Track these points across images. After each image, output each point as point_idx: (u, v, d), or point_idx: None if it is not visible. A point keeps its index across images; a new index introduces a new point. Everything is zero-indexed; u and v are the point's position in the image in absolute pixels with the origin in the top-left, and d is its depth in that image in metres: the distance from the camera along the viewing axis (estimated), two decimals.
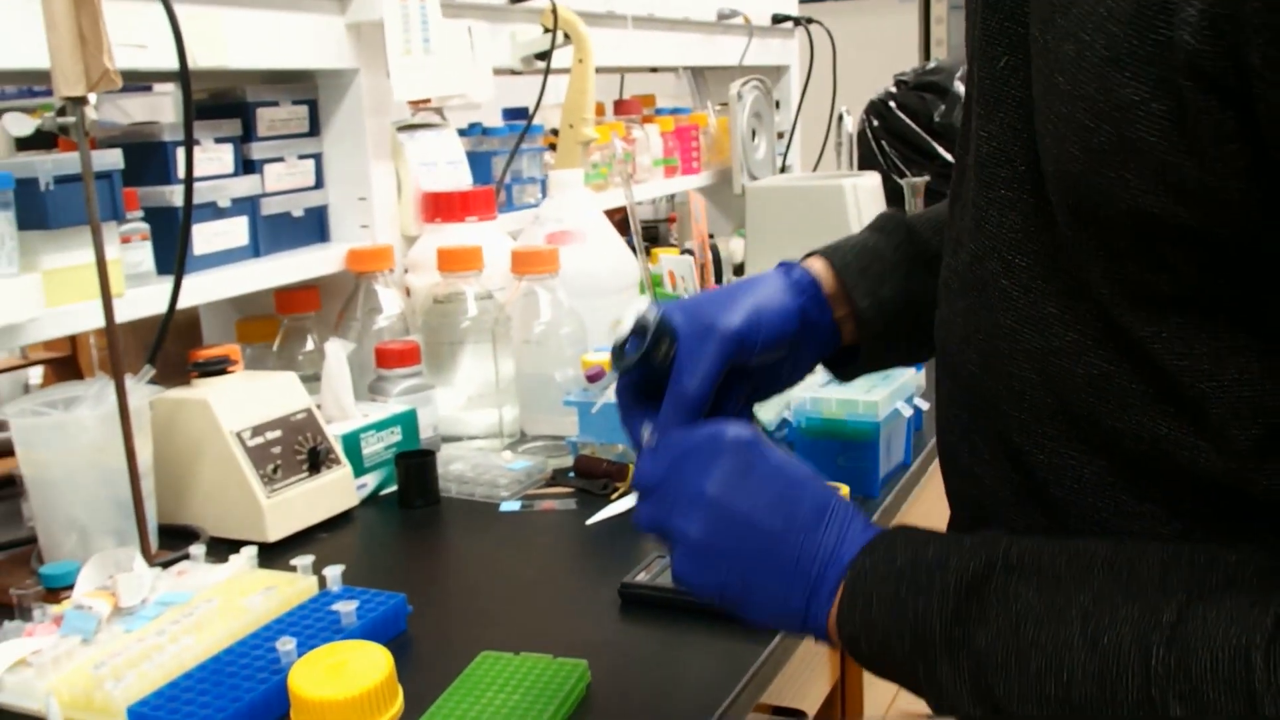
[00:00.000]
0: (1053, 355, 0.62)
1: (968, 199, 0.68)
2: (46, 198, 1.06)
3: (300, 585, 0.95)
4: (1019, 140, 0.63)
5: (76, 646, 0.84)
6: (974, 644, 0.59)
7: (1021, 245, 0.63)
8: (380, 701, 0.60)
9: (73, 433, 1.00)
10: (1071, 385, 0.61)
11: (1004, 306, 0.64)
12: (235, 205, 1.34)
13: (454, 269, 1.36)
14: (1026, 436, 0.65)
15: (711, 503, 0.68)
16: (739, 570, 0.67)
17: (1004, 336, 0.64)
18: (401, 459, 1.22)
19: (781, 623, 0.68)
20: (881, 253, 0.85)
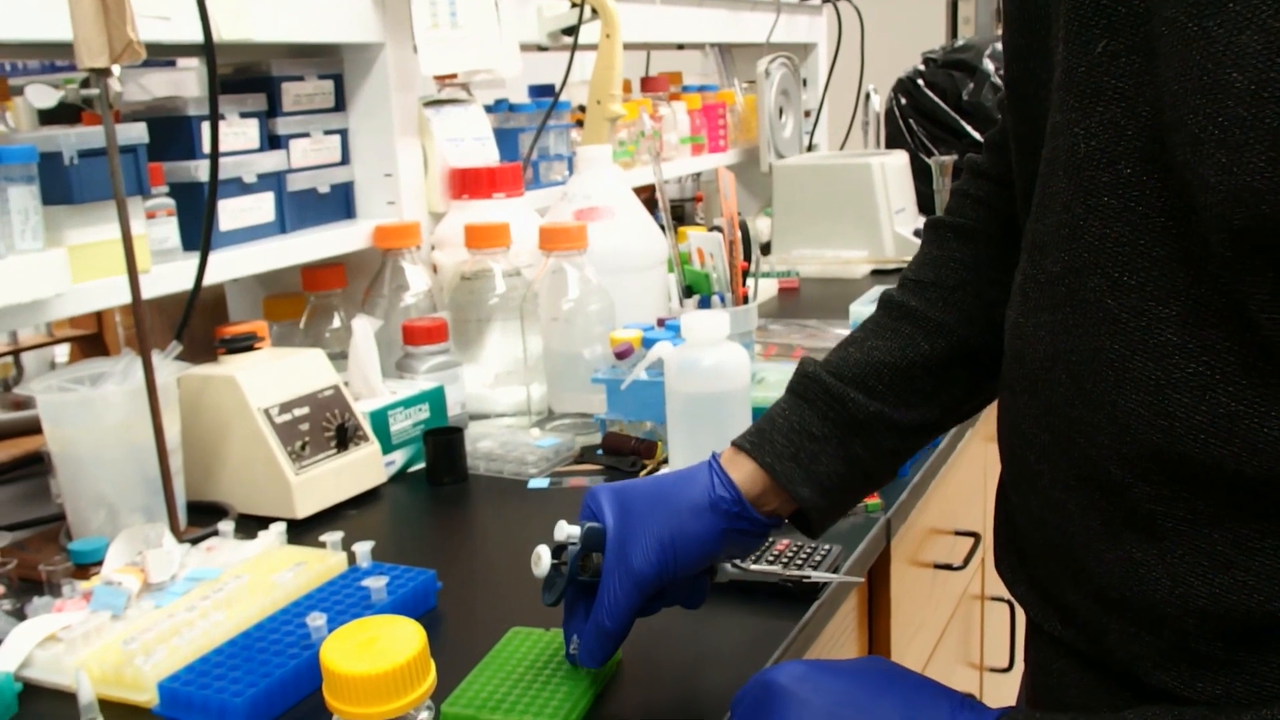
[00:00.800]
0: (1170, 389, 0.55)
1: (1056, 202, 0.61)
2: (70, 172, 1.05)
3: (330, 561, 0.94)
4: (1123, 139, 0.56)
5: (106, 622, 0.84)
6: None
7: (1131, 262, 0.56)
8: (414, 677, 0.58)
9: (100, 409, 1.00)
10: (1190, 424, 0.55)
11: (1109, 330, 0.57)
12: (261, 181, 1.33)
13: (482, 246, 1.35)
14: (1129, 470, 0.58)
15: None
16: None
17: (1108, 364, 0.58)
18: (430, 436, 1.21)
19: None
20: (809, 429, 0.79)
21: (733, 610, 0.91)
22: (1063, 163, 0.60)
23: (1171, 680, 0.61)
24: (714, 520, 0.76)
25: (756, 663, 0.82)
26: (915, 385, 0.80)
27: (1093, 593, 0.63)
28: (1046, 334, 0.62)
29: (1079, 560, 0.64)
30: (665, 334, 1.26)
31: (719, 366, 1.08)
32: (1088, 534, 0.62)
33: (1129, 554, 0.60)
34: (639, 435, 1.24)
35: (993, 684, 1.78)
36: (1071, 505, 0.63)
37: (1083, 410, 0.60)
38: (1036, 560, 0.70)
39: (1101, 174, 0.57)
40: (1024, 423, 0.66)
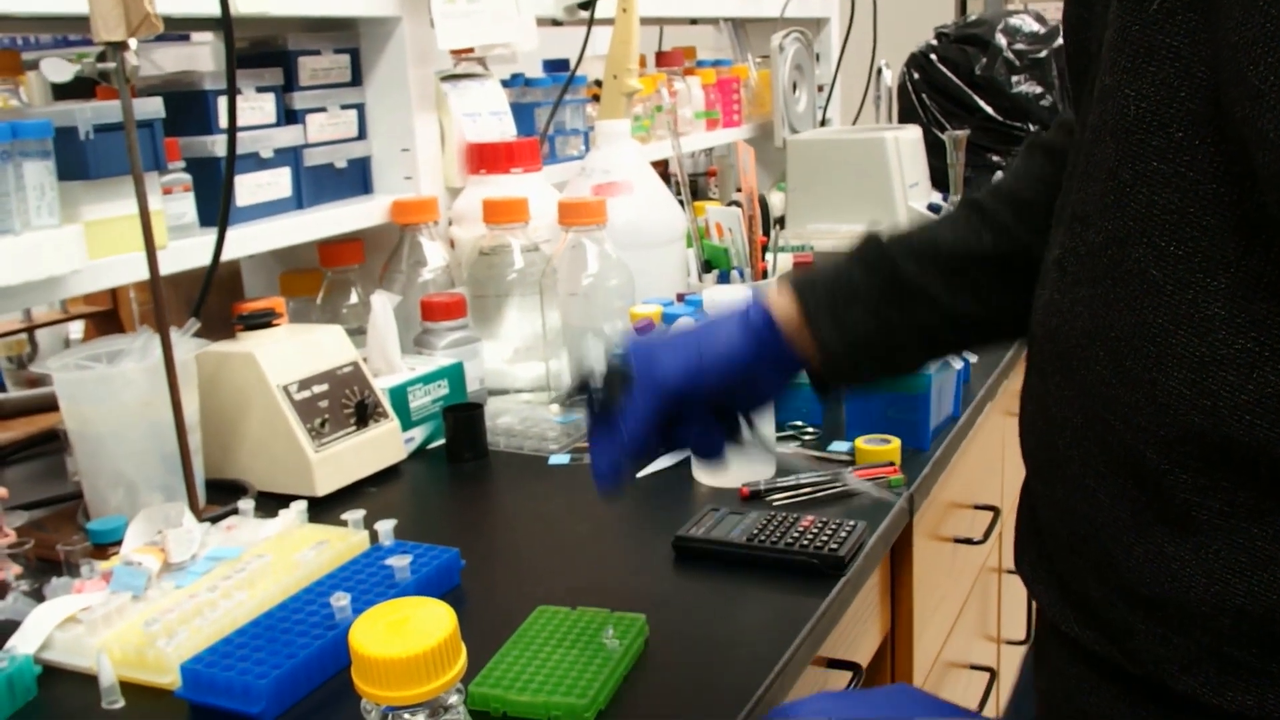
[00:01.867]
0: (1215, 365, 0.53)
1: (1100, 168, 0.59)
2: (87, 147, 1.04)
3: (352, 540, 0.93)
4: (1175, 101, 0.53)
5: (127, 603, 0.83)
6: None
7: (1179, 231, 0.54)
8: (445, 659, 0.57)
9: (118, 387, 0.99)
10: (1235, 403, 0.53)
11: (1153, 303, 0.55)
12: (278, 156, 1.31)
13: (500, 221, 1.34)
14: (1166, 455, 0.56)
15: None
16: None
17: (1150, 339, 0.55)
18: (450, 412, 1.20)
19: None
20: (853, 279, 0.80)
21: (759, 587, 0.90)
22: (1110, 127, 0.57)
23: (1199, 686, 0.58)
24: (744, 337, 0.78)
25: (784, 640, 0.82)
26: (968, 274, 0.80)
27: (1120, 589, 0.61)
28: (1085, 309, 0.60)
29: (1107, 554, 0.61)
30: (685, 309, 1.25)
31: None
32: (1117, 525, 0.60)
33: (1161, 548, 0.58)
34: None
35: (1010, 656, 1.78)
36: (1102, 494, 0.61)
37: (1120, 389, 0.58)
38: (1060, 555, 0.67)
39: (1152, 138, 0.55)
40: (1055, 406, 0.64)
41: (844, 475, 1.00)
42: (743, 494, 1.06)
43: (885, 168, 2.20)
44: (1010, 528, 0.80)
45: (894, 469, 1.08)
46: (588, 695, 0.73)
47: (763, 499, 1.05)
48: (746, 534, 0.95)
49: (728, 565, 0.93)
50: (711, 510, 1.00)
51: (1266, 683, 0.56)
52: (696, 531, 0.96)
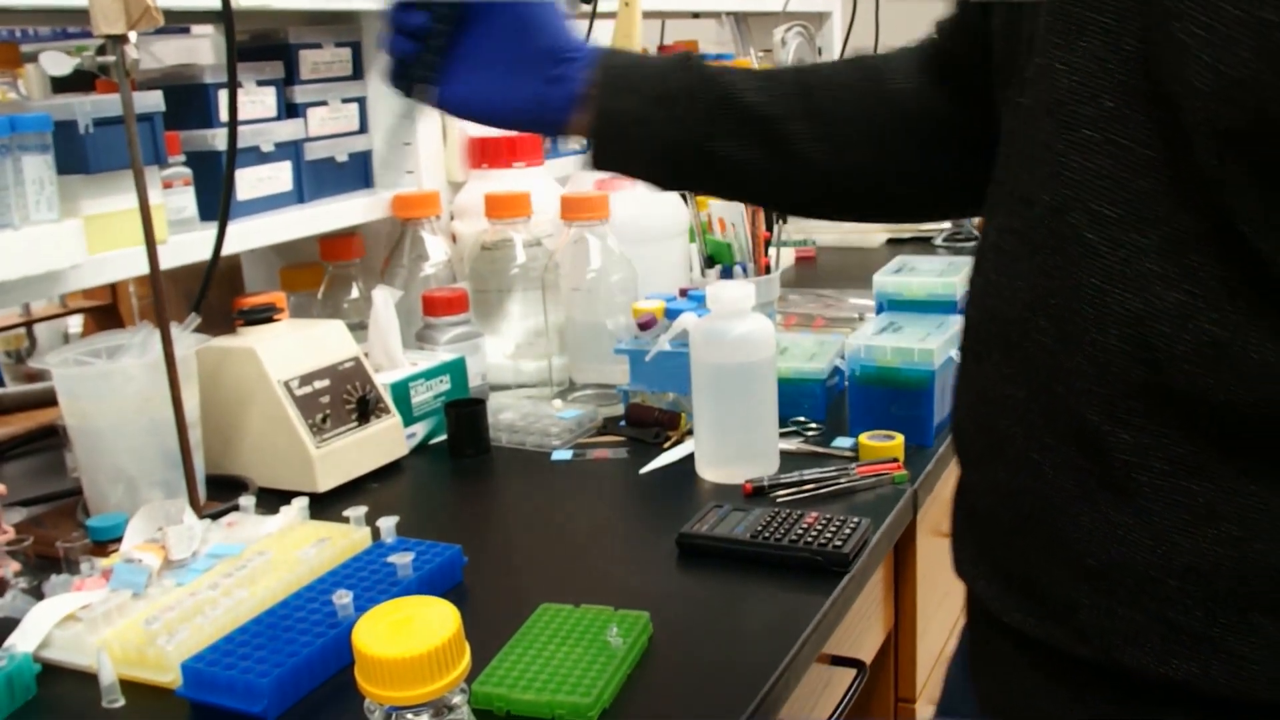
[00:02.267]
0: (1151, 320, 0.55)
1: (1037, 145, 0.60)
2: (86, 140, 1.03)
3: (354, 537, 0.93)
4: (1105, 73, 0.56)
5: (127, 601, 0.82)
6: None
7: (1111, 194, 0.56)
8: (449, 659, 0.57)
9: (118, 382, 0.98)
10: (1173, 355, 0.54)
11: (1089, 265, 0.57)
12: (279, 150, 1.30)
13: (502, 215, 1.33)
14: (1107, 415, 0.57)
15: None
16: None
17: (1088, 300, 0.57)
18: (452, 408, 1.20)
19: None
20: (660, 71, 0.85)
21: (763, 584, 0.89)
22: (1045, 104, 0.59)
23: (1144, 656, 0.59)
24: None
25: (789, 637, 0.81)
26: (760, 131, 0.84)
27: (1067, 563, 0.62)
28: (1024, 283, 0.61)
29: (1053, 528, 0.62)
30: (689, 304, 1.24)
31: (746, 337, 1.06)
32: (1063, 496, 0.61)
33: (1106, 515, 0.59)
34: (662, 406, 1.23)
35: None
36: (1046, 467, 0.62)
37: (1063, 355, 0.59)
38: (1002, 543, 0.67)
39: (1084, 108, 0.57)
40: (995, 386, 0.65)
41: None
42: (746, 490, 1.05)
43: None
44: None
45: (898, 465, 1.08)
46: (592, 694, 0.72)
47: (766, 495, 1.05)
48: (750, 531, 0.94)
49: (731, 562, 0.92)
50: (715, 507, 0.99)
51: (1209, 649, 0.57)
52: (700, 528, 0.95)
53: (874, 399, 1.16)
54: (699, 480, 1.10)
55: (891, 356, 1.15)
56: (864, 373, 1.16)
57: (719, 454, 1.09)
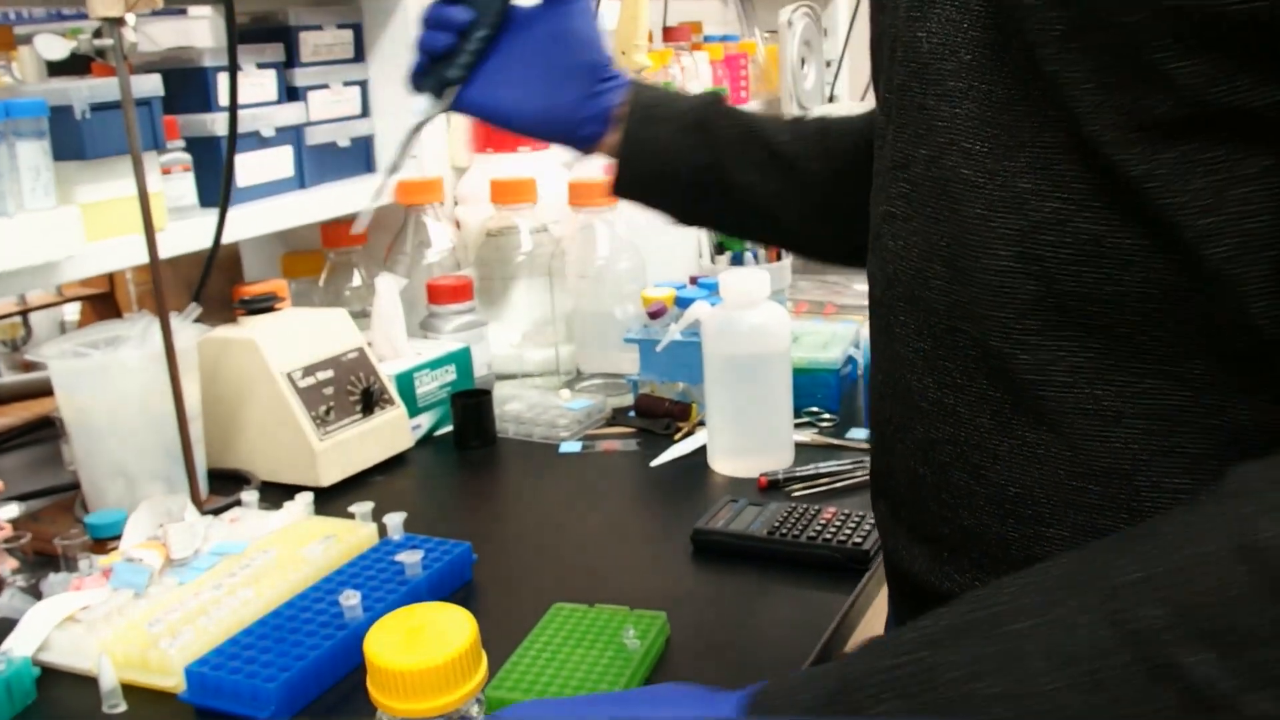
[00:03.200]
0: (1033, 232, 0.58)
1: (910, 110, 0.64)
2: (83, 126, 1.00)
3: (360, 534, 0.90)
4: (960, 31, 0.60)
5: (128, 601, 0.80)
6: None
7: (978, 131, 0.60)
8: (466, 669, 0.54)
9: (117, 375, 0.95)
10: (1059, 260, 0.58)
11: (970, 197, 0.61)
12: (279, 134, 1.28)
13: (507, 201, 1.30)
14: (1007, 338, 0.60)
15: None
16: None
17: (974, 229, 0.61)
18: (458, 399, 1.17)
19: None
20: (689, 105, 0.88)
21: (781, 583, 0.87)
22: (911, 70, 0.63)
23: None
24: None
25: (810, 638, 0.79)
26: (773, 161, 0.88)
27: (991, 500, 0.64)
28: (918, 238, 0.64)
29: (974, 468, 0.64)
30: (699, 293, 1.21)
31: (760, 327, 1.04)
32: (980, 433, 0.63)
33: (1022, 437, 0.61)
34: (672, 397, 1.20)
35: None
36: (961, 407, 0.64)
37: (959, 291, 0.62)
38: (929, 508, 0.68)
39: (944, 64, 0.61)
40: (903, 346, 0.67)
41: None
42: (761, 484, 1.03)
43: None
44: None
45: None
46: None
47: (781, 489, 1.02)
48: (767, 527, 0.92)
49: (748, 559, 0.90)
50: (730, 501, 0.97)
51: None
52: (715, 524, 0.93)
53: None
54: (711, 473, 1.08)
55: None
56: None
57: (732, 446, 1.07)
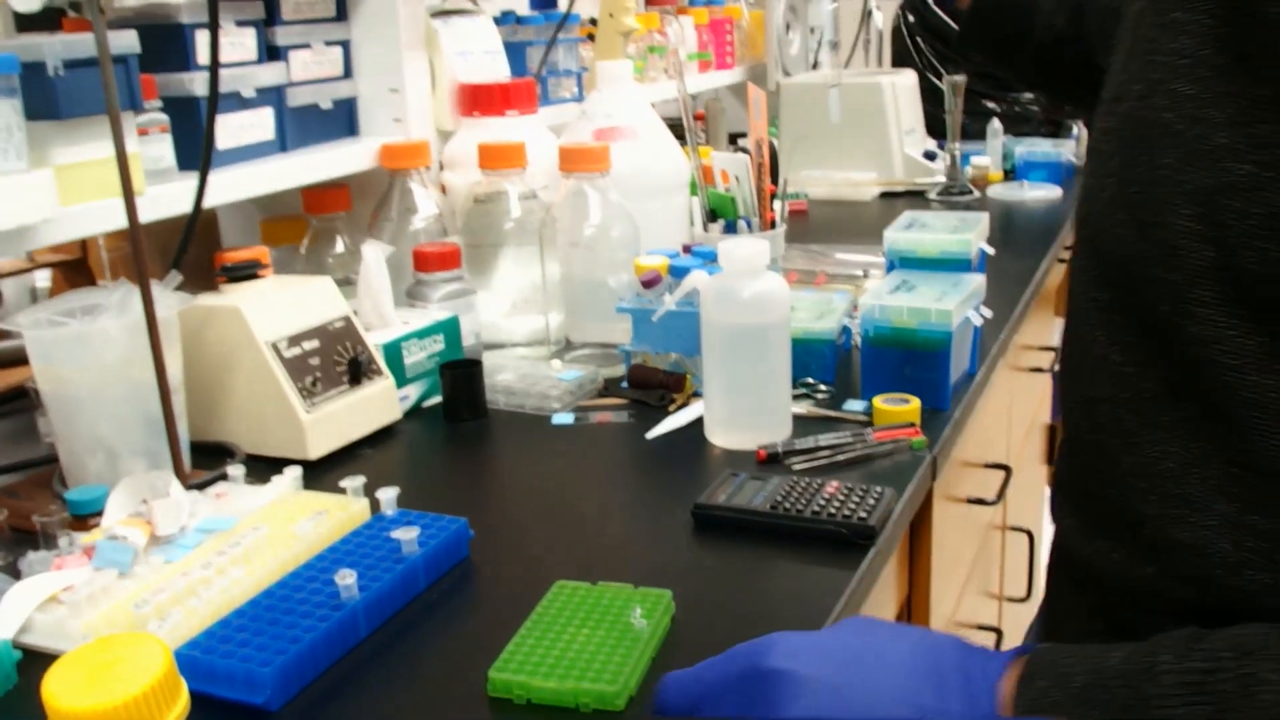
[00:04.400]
0: (1221, 194, 0.55)
1: (1138, 40, 0.63)
2: (57, 84, 0.96)
3: (352, 509, 0.87)
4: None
5: (113, 581, 0.76)
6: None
7: (1190, 71, 0.57)
8: (155, 706, 0.51)
9: (97, 346, 0.91)
10: (1242, 230, 0.54)
11: (1167, 144, 0.58)
12: (260, 96, 1.23)
13: (496, 166, 1.27)
14: (1176, 304, 0.57)
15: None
16: None
17: (1164, 181, 0.58)
18: (447, 369, 1.14)
19: None
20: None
21: (786, 559, 0.85)
22: (1138, 3, 0.63)
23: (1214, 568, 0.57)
24: None
25: (819, 615, 0.77)
26: None
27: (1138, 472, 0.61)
28: (1111, 179, 0.63)
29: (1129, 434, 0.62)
30: (694, 261, 1.18)
31: (760, 297, 1.01)
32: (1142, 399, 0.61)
33: (1186, 413, 0.59)
34: (665, 367, 1.17)
35: (1011, 614, 1.75)
36: (1128, 368, 0.62)
37: (1139, 242, 0.59)
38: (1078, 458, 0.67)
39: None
40: (1084, 293, 0.66)
41: None
42: (760, 457, 1.01)
43: (881, 113, 2.14)
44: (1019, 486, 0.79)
45: (915, 430, 1.03)
46: (618, 680, 0.68)
47: (781, 462, 1.00)
48: (770, 501, 0.90)
49: (751, 534, 0.88)
50: (730, 475, 0.94)
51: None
52: (717, 498, 0.91)
53: (887, 361, 1.11)
54: (709, 446, 1.05)
55: (908, 317, 1.10)
56: (878, 333, 1.11)
57: (730, 419, 1.04)
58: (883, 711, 0.52)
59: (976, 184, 2.12)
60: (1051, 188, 2.08)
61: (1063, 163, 2.14)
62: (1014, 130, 2.37)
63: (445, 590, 0.82)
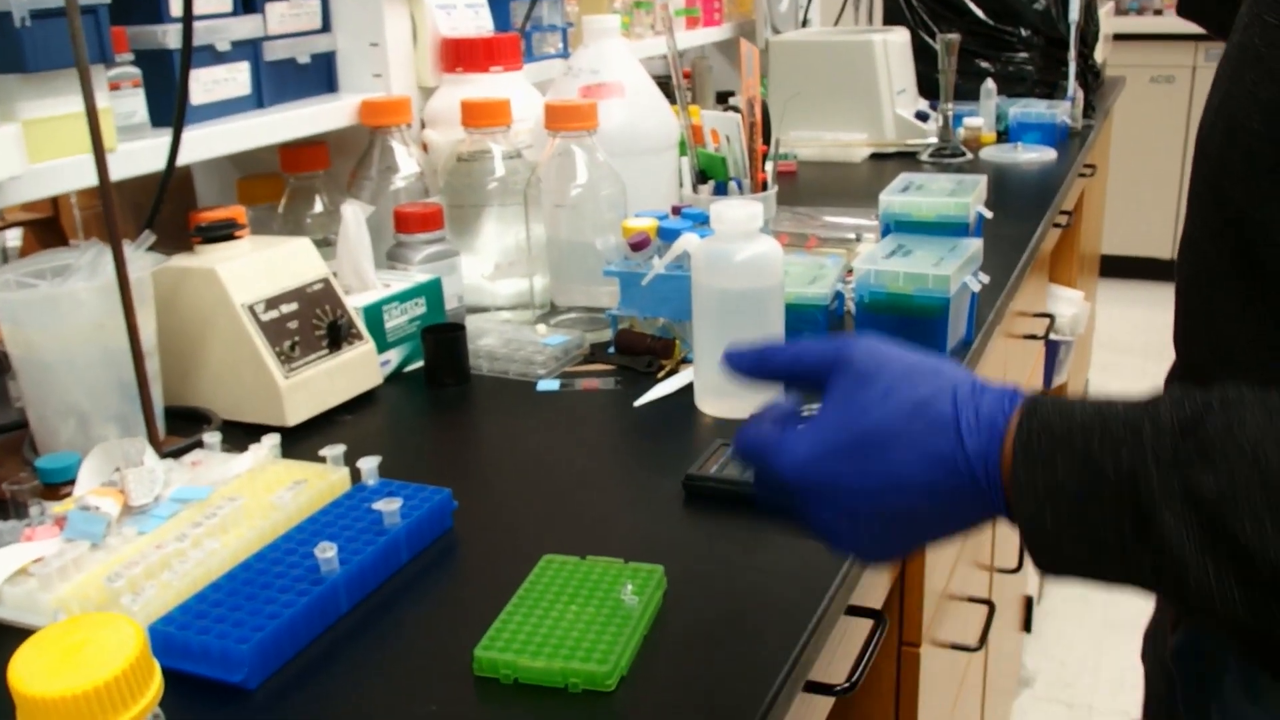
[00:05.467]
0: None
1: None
2: (23, 35, 0.92)
3: (332, 479, 0.84)
4: None
5: (84, 553, 0.73)
6: (1201, 488, 0.49)
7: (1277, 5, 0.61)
8: (127, 691, 0.48)
9: (67, 308, 0.88)
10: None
11: (1251, 65, 0.62)
12: (236, 49, 1.19)
13: (479, 124, 1.23)
14: (1245, 193, 0.62)
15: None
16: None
17: (1243, 95, 0.62)
18: (430, 334, 1.11)
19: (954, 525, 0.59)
20: None
21: (782, 534, 0.81)
22: None
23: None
24: None
25: (816, 590, 0.75)
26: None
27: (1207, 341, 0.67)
28: (1218, 95, 0.66)
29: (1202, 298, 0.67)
30: (684, 224, 1.16)
31: (753, 261, 0.98)
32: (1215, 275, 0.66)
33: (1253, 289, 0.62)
34: (653, 333, 1.15)
35: (1000, 585, 1.73)
36: (1207, 245, 0.67)
37: (1225, 148, 0.63)
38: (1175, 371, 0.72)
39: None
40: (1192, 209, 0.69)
41: None
42: None
43: (873, 72, 2.11)
44: None
45: None
46: (609, 660, 0.65)
47: None
48: None
49: (744, 506, 0.85)
50: (722, 445, 0.92)
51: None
52: (708, 470, 0.88)
53: (882, 327, 1.09)
54: (699, 414, 1.03)
55: (904, 283, 1.07)
56: (873, 299, 1.09)
57: (721, 386, 1.02)
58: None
59: (969, 145, 2.09)
60: (1046, 150, 2.05)
61: (1057, 124, 2.11)
62: (1008, 91, 2.33)
63: (428, 564, 0.80)
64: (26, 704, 0.47)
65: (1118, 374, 3.64)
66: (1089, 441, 0.52)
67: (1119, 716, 2.20)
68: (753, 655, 0.68)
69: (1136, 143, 4.59)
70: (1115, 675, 2.32)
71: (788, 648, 0.69)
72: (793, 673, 0.68)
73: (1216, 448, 0.49)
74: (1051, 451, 0.52)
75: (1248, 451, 0.49)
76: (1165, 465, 0.50)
